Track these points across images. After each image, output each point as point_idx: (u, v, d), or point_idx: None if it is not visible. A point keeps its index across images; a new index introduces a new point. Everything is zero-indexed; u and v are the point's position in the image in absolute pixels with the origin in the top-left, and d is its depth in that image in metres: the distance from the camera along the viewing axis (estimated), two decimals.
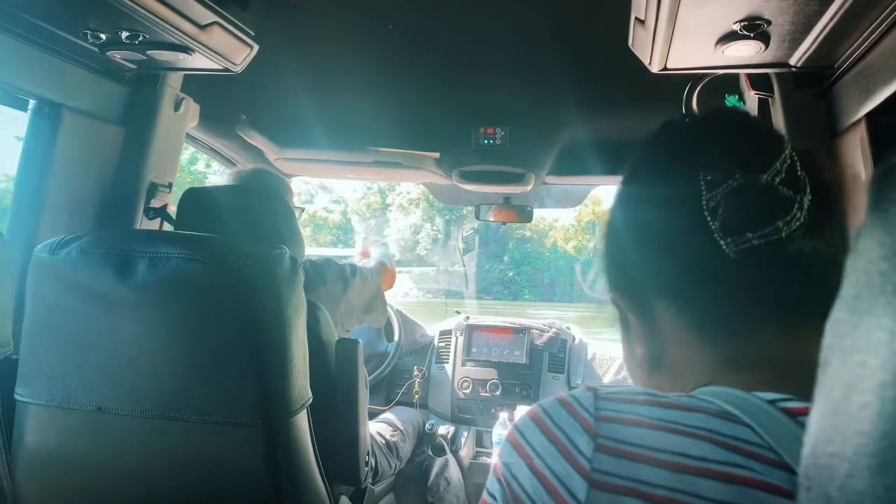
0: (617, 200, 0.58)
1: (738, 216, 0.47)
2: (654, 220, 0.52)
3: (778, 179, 0.47)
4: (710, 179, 0.48)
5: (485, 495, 0.44)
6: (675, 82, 1.29)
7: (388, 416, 2.09)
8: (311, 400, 1.02)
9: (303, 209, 1.79)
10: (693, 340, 0.49)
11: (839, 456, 0.19)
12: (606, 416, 0.40)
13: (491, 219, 2.25)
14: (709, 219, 0.47)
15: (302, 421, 0.99)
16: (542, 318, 2.63)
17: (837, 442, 0.19)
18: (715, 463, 0.37)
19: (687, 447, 0.38)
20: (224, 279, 0.88)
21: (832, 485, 0.19)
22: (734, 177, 0.47)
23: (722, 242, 0.47)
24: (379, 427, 1.92)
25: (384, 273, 1.97)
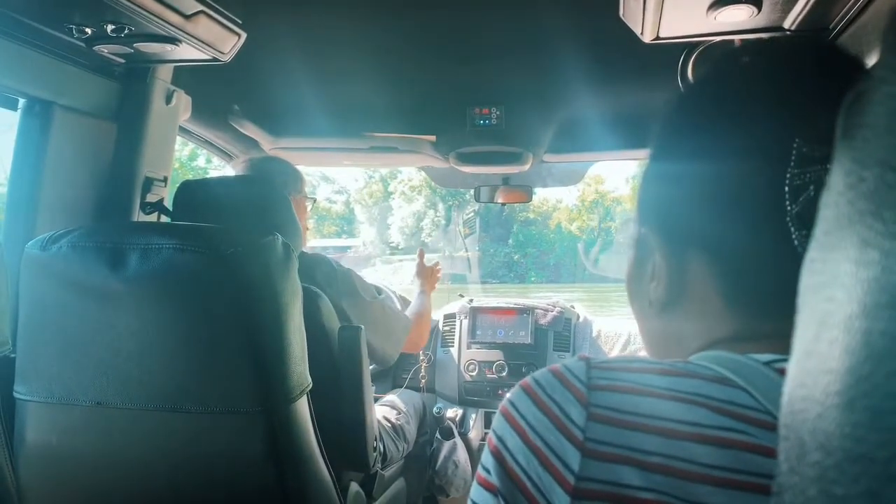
0: (683, 132, 0.49)
1: None
2: (720, 171, 0.44)
3: None
4: (804, 152, 0.40)
5: (479, 469, 0.43)
6: (671, 53, 1.27)
7: (390, 399, 2.09)
8: (310, 386, 1.02)
9: (314, 199, 1.79)
10: (717, 306, 0.45)
11: (810, 399, 0.18)
12: (599, 385, 0.40)
13: (490, 200, 2.23)
14: (787, 199, 0.40)
15: (302, 407, 1.00)
16: (547, 298, 2.62)
17: (809, 384, 0.19)
18: (709, 428, 0.36)
19: (681, 413, 0.37)
20: (216, 268, 0.87)
21: (804, 428, 0.18)
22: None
23: (794, 232, 0.40)
24: (383, 411, 1.92)
25: (420, 323, 1.97)
